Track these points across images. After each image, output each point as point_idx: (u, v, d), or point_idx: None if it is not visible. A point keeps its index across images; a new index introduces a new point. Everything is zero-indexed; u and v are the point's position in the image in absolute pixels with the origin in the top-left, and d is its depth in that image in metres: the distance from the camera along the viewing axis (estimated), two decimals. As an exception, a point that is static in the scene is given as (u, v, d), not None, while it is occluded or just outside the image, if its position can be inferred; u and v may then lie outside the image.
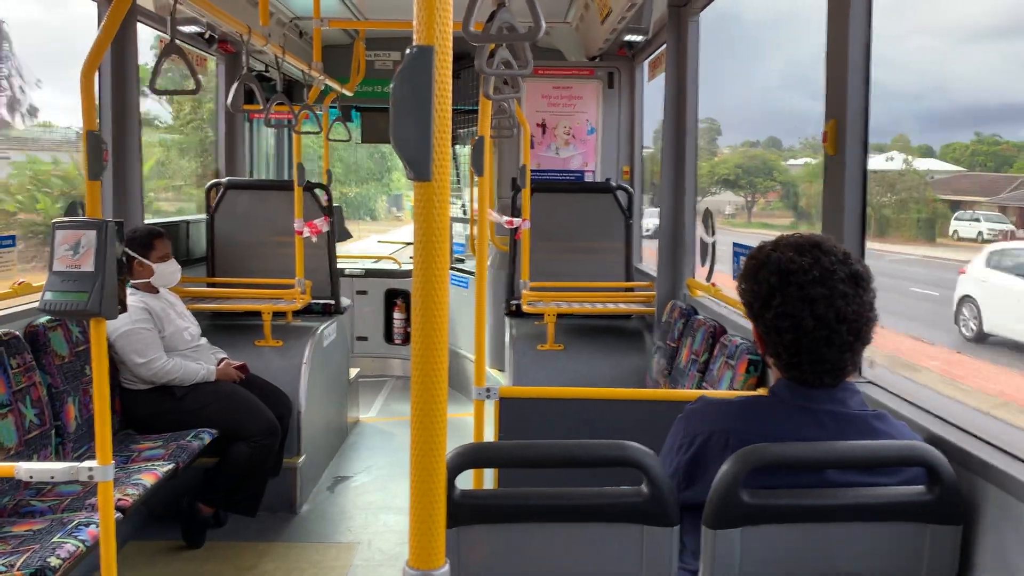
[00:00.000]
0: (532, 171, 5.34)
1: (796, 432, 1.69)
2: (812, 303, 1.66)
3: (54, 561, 2.56)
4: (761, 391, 2.73)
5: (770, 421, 1.72)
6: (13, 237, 3.39)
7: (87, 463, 2.32)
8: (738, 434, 1.69)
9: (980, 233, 13.41)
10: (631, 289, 5.27)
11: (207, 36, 5.44)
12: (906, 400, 2.21)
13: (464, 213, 7.30)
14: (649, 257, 5.60)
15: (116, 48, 4.11)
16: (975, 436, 1.86)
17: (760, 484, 1.62)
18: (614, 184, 5.50)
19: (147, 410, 3.95)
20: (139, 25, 4.32)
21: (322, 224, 4.88)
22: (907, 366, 8.00)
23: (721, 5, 4.21)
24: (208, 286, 5.09)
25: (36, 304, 2.42)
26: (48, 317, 3.40)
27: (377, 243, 12.24)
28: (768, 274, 1.72)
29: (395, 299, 7.40)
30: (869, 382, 2.41)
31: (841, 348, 1.67)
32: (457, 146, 7.65)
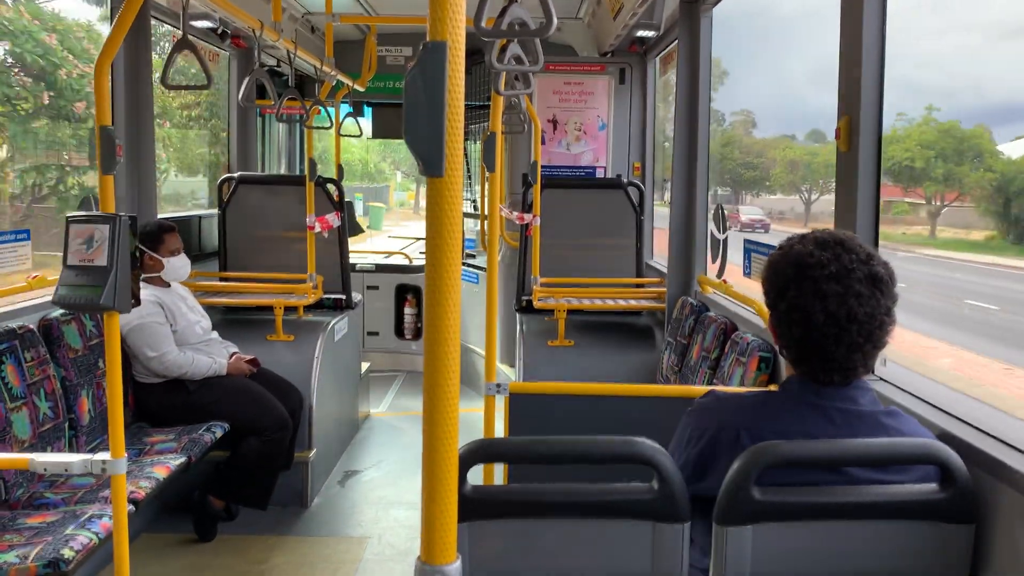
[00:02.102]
0: (543, 167, 5.33)
1: (806, 428, 1.68)
2: (824, 299, 1.65)
3: (67, 553, 2.59)
4: (772, 388, 2.72)
5: (780, 417, 1.71)
6: (28, 231, 3.41)
7: (100, 456, 2.34)
8: (748, 429, 1.69)
9: None
10: (642, 285, 5.26)
11: (220, 31, 5.46)
12: (919, 397, 2.20)
13: (475, 209, 7.30)
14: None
15: (130, 43, 4.13)
16: (988, 434, 1.85)
17: (771, 480, 1.61)
18: (625, 180, 5.49)
19: (159, 403, 3.97)
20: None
21: (333, 219, 4.90)
22: None
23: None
24: (220, 280, 5.11)
25: (50, 298, 2.44)
26: (62, 311, 3.43)
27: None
28: (786, 266, 1.71)
29: (406, 294, 7.42)
30: (881, 379, 2.40)
31: (850, 348, 1.66)
32: (468, 142, 7.65)
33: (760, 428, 1.68)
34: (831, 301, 1.65)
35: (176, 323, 4.04)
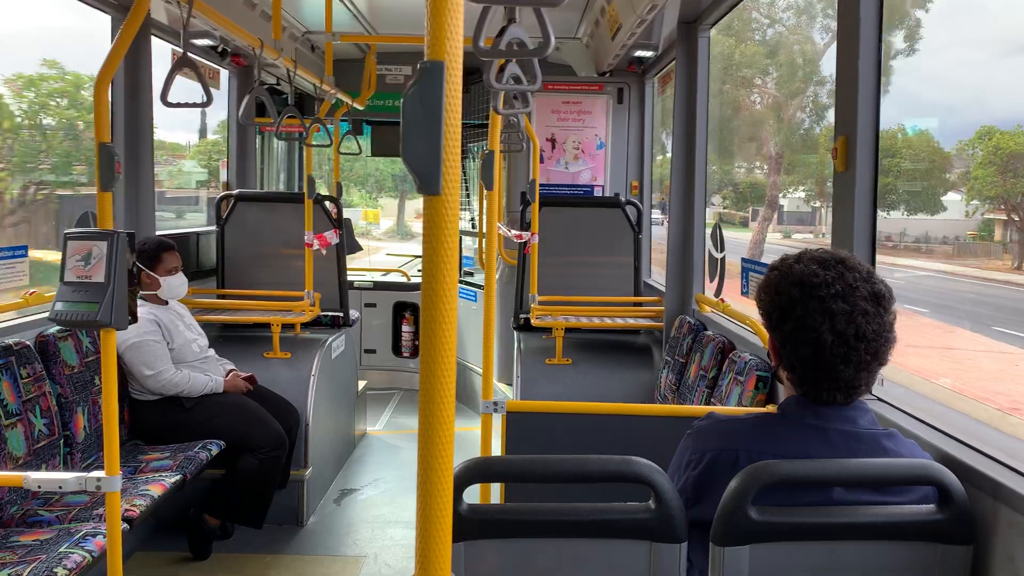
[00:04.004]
0: (541, 185, 5.35)
1: (805, 450, 1.67)
2: (832, 318, 1.65)
3: (61, 571, 2.56)
4: (770, 408, 2.72)
5: (779, 439, 1.71)
6: (25, 247, 3.41)
7: (95, 473, 2.33)
8: (747, 452, 1.68)
9: None
10: (640, 304, 5.26)
11: (220, 49, 5.49)
12: (917, 418, 2.20)
13: (473, 227, 7.31)
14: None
15: (129, 61, 4.15)
16: (986, 455, 1.85)
17: (769, 502, 1.61)
18: (623, 199, 5.51)
19: (155, 421, 3.96)
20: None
21: (332, 236, 4.90)
22: None
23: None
24: (218, 298, 5.11)
25: (47, 314, 2.44)
26: (59, 327, 3.42)
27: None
28: (790, 286, 1.70)
29: (403, 312, 7.41)
30: (879, 399, 2.39)
31: (857, 366, 1.66)
32: (466, 160, 7.67)
33: (759, 451, 1.67)
34: (839, 320, 1.64)
35: (173, 341, 4.04)
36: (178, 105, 3.07)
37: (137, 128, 4.25)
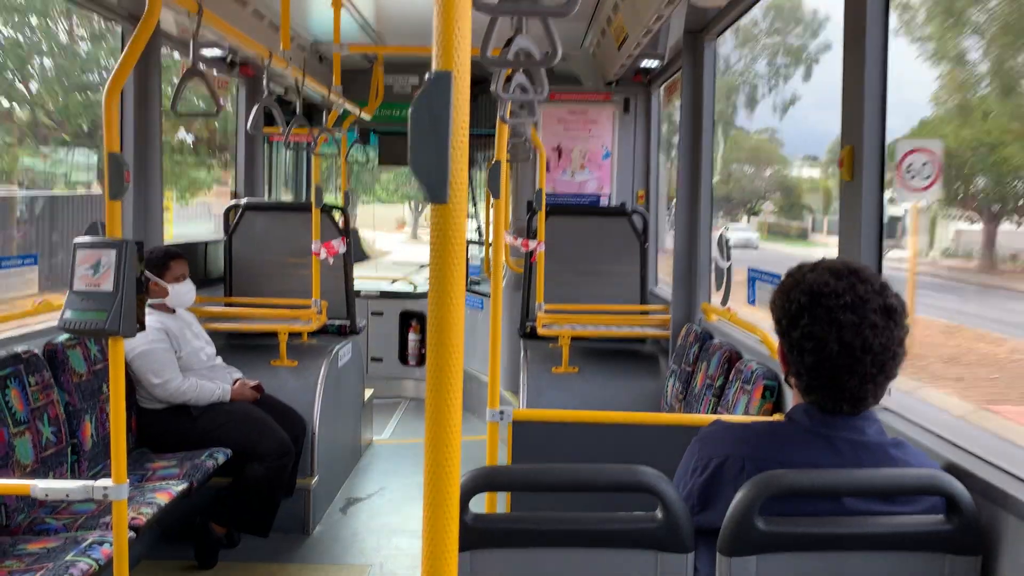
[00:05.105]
0: (548, 195, 5.36)
1: (812, 459, 1.67)
2: (840, 328, 1.64)
3: (68, 579, 2.57)
4: (777, 416, 2.71)
5: (786, 447, 1.70)
6: (36, 256, 3.43)
7: (102, 482, 2.33)
8: (753, 459, 1.68)
9: None
10: (646, 313, 5.26)
11: (228, 60, 5.52)
12: (925, 428, 2.19)
13: (479, 235, 7.32)
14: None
15: (139, 71, 4.17)
16: (995, 465, 1.84)
17: (776, 511, 1.60)
18: (629, 208, 5.51)
19: (162, 429, 3.97)
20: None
21: (339, 245, 4.92)
22: None
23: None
24: (225, 306, 5.12)
25: (56, 322, 2.45)
26: (67, 335, 3.43)
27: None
28: (800, 293, 1.70)
29: (410, 320, 7.42)
30: (887, 409, 2.38)
31: (863, 378, 1.65)
32: (473, 169, 7.69)
33: (765, 458, 1.67)
34: (846, 331, 1.64)
35: (181, 349, 4.05)
36: (188, 115, 3.09)
37: (146, 138, 4.27)
